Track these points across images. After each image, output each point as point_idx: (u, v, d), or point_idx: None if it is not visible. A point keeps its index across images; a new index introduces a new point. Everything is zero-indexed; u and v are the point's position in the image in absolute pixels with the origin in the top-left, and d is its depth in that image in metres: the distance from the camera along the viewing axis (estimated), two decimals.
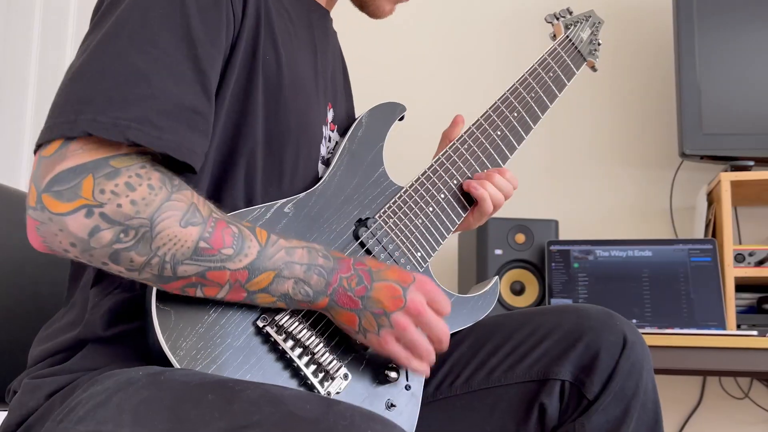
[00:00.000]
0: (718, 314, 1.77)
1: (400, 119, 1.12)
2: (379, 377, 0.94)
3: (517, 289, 1.96)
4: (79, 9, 2.26)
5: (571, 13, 1.31)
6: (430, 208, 1.05)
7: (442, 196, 1.06)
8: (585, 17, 1.31)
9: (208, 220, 0.79)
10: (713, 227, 1.97)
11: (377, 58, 2.40)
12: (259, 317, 0.87)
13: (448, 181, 1.07)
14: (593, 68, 1.30)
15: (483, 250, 1.94)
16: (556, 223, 2.00)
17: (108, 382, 0.79)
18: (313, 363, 0.88)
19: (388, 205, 1.02)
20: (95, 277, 0.90)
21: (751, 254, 1.86)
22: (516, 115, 1.14)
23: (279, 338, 0.87)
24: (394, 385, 0.95)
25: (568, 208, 2.24)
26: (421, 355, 0.91)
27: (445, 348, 0.93)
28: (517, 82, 1.16)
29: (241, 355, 0.84)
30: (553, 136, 2.30)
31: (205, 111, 0.84)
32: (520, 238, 1.96)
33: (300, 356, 0.88)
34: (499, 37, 2.39)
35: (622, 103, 2.30)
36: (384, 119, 1.10)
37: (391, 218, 1.02)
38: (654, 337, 1.57)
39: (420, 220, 1.04)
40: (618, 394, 0.98)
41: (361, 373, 0.93)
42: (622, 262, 1.88)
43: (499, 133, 1.12)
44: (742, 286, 1.93)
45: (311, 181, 1.01)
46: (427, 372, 0.93)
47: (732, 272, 1.83)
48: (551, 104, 1.19)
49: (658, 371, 1.67)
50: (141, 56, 0.80)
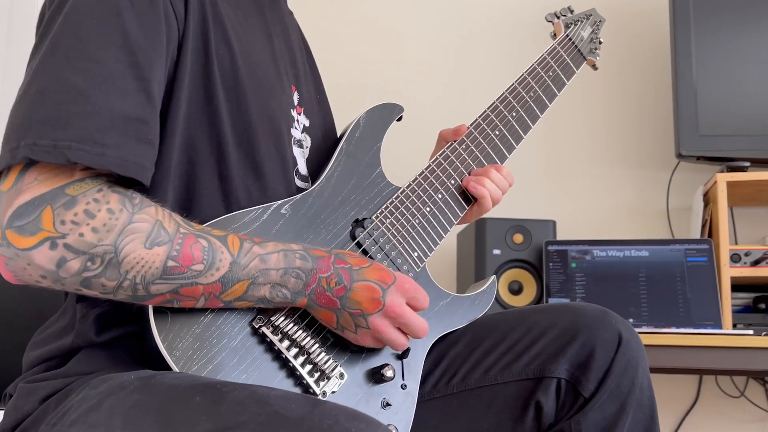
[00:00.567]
0: (714, 313, 1.77)
1: (399, 120, 1.11)
2: (375, 376, 0.93)
3: (515, 289, 1.96)
4: None
5: (572, 11, 1.30)
6: (428, 209, 1.05)
7: (440, 197, 1.06)
8: (586, 16, 1.30)
9: (174, 238, 0.78)
10: (709, 227, 1.97)
11: (375, 59, 2.39)
12: (255, 318, 0.87)
13: (446, 182, 1.07)
14: (594, 67, 1.28)
15: (481, 250, 1.94)
16: (554, 223, 2.00)
17: (101, 387, 0.79)
18: (309, 363, 0.88)
19: (385, 206, 1.02)
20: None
21: (747, 254, 1.86)
22: (515, 114, 1.14)
23: (275, 338, 0.86)
24: (390, 384, 0.95)
25: (566, 209, 2.24)
26: (397, 349, 0.93)
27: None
28: (516, 82, 1.16)
29: (237, 356, 0.84)
30: (551, 137, 2.30)
31: (150, 119, 0.82)
32: (518, 238, 1.96)
33: (296, 356, 0.88)
34: (499, 36, 2.39)
35: (619, 105, 2.30)
36: (382, 120, 1.09)
37: (388, 218, 1.02)
38: (651, 336, 1.57)
39: (417, 220, 1.03)
40: (614, 391, 0.98)
41: (357, 373, 0.93)
42: (619, 262, 1.88)
43: (498, 133, 1.12)
44: (738, 286, 1.93)
45: (287, 168, 1.00)
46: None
47: (728, 272, 1.83)
48: (550, 104, 1.18)
49: (655, 370, 1.67)
50: (78, 72, 0.77)
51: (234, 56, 0.93)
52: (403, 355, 0.97)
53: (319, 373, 0.89)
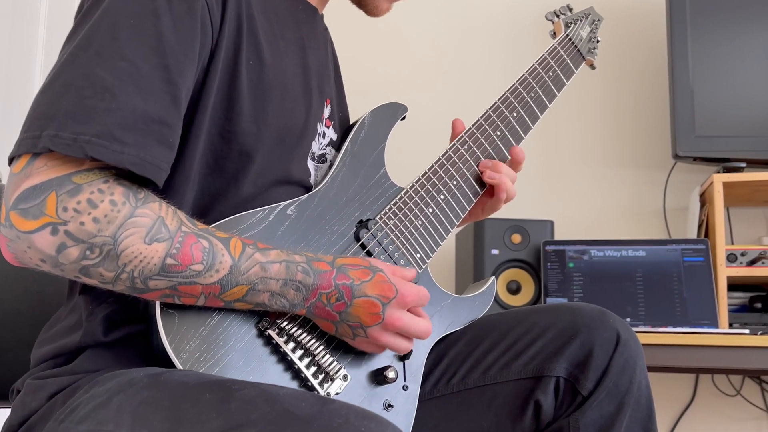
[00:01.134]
0: (710, 313, 1.78)
1: (402, 119, 1.11)
2: (378, 378, 0.94)
3: (514, 289, 1.96)
4: None
5: (571, 10, 1.29)
6: (430, 209, 1.05)
7: (442, 197, 1.06)
8: (585, 14, 1.29)
9: (175, 235, 0.78)
10: (706, 228, 1.98)
11: (378, 59, 2.40)
12: (262, 320, 0.87)
13: (448, 182, 1.07)
14: (592, 66, 1.28)
15: (480, 250, 1.94)
16: (552, 223, 2.01)
17: (109, 384, 0.79)
18: (314, 365, 0.88)
19: (389, 207, 1.02)
20: (84, 284, 0.89)
21: (743, 254, 1.86)
22: (516, 115, 1.14)
23: (280, 341, 0.87)
24: (392, 386, 0.95)
25: (564, 209, 2.25)
26: (400, 353, 0.94)
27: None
28: (517, 82, 1.15)
29: (244, 357, 0.84)
30: (549, 137, 2.31)
31: (173, 122, 0.82)
32: (517, 238, 1.96)
33: (301, 358, 0.88)
34: (500, 36, 2.39)
35: (616, 106, 2.30)
36: (386, 120, 1.09)
37: (392, 219, 1.02)
38: (648, 336, 1.57)
39: (420, 221, 1.03)
40: (612, 390, 0.98)
41: (360, 374, 0.93)
42: (616, 261, 1.89)
43: (499, 134, 1.12)
44: (734, 286, 1.94)
45: (303, 179, 1.00)
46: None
47: (724, 272, 1.83)
48: (550, 104, 1.18)
49: (652, 369, 1.68)
50: (108, 70, 0.78)
51: (264, 67, 0.93)
52: (405, 356, 0.97)
53: (323, 375, 0.89)
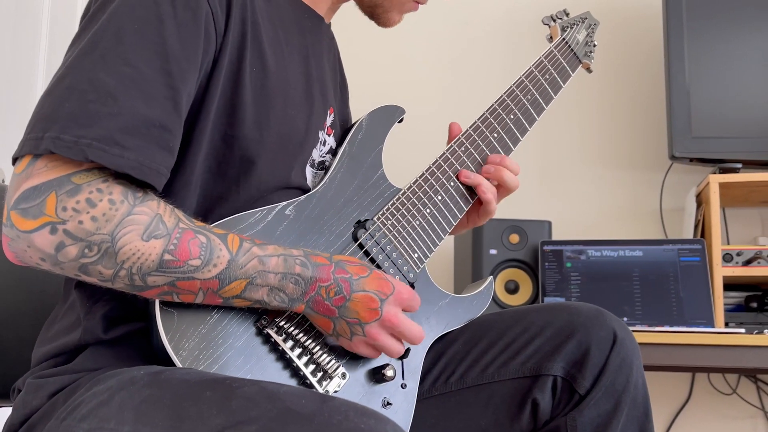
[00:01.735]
0: (706, 312, 1.78)
1: (400, 122, 1.11)
2: (376, 376, 0.94)
3: (512, 288, 1.96)
4: None
5: (567, 14, 1.29)
6: (428, 210, 1.05)
7: (440, 198, 1.06)
8: (581, 19, 1.29)
9: (173, 232, 0.78)
10: (702, 228, 1.98)
11: (376, 61, 2.40)
12: (260, 318, 0.87)
13: (445, 183, 1.07)
14: (588, 70, 1.28)
15: (478, 250, 1.94)
16: (550, 223, 2.01)
17: (110, 382, 0.79)
18: (312, 363, 0.89)
19: (387, 207, 1.02)
20: (79, 281, 0.89)
21: (738, 254, 1.87)
22: (512, 117, 1.14)
23: (279, 339, 0.87)
24: (391, 384, 0.95)
25: (561, 209, 2.25)
26: (392, 356, 0.93)
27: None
28: (514, 85, 1.15)
29: (242, 356, 0.84)
30: (546, 139, 2.31)
31: (173, 127, 0.82)
32: (514, 238, 1.96)
33: (299, 356, 0.88)
34: (497, 40, 2.39)
35: (613, 107, 2.30)
36: (383, 122, 1.09)
37: (390, 220, 1.02)
38: (644, 335, 1.57)
39: (417, 222, 1.04)
40: (608, 388, 0.98)
41: (359, 373, 0.93)
42: (613, 261, 1.89)
43: (496, 136, 1.12)
44: (730, 285, 1.94)
45: (303, 185, 1.01)
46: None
47: (720, 271, 1.84)
48: (547, 107, 1.18)
49: (649, 368, 1.68)
50: (111, 74, 0.78)
51: (267, 74, 0.94)
52: (404, 355, 0.98)
53: (321, 373, 0.89)
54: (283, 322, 0.88)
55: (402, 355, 0.97)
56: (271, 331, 0.87)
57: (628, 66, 2.30)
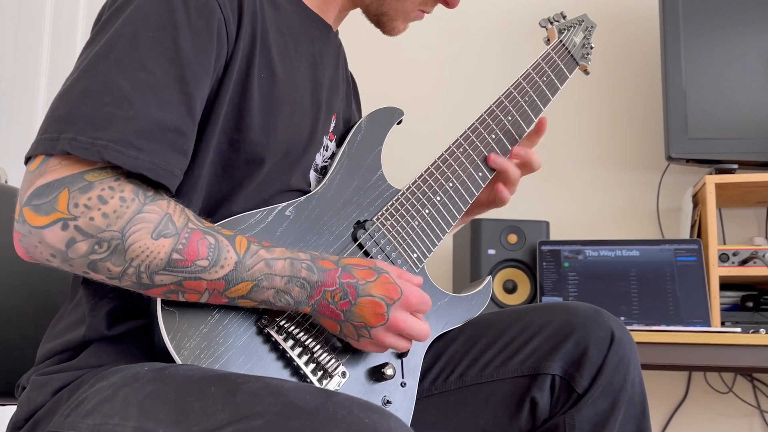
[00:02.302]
0: (703, 312, 1.78)
1: (398, 123, 1.12)
2: (376, 375, 0.94)
3: (510, 288, 1.96)
4: (88, 16, 2.27)
5: (564, 17, 1.29)
6: (426, 210, 1.05)
7: (438, 199, 1.06)
8: (578, 21, 1.29)
9: (182, 231, 0.78)
10: (698, 228, 1.98)
11: (375, 63, 2.40)
12: (261, 318, 0.87)
13: (444, 184, 1.07)
14: (586, 72, 1.28)
15: (477, 250, 1.94)
16: (547, 224, 2.01)
17: (114, 378, 0.79)
18: (312, 362, 0.89)
19: (386, 208, 1.02)
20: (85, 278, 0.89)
21: (734, 254, 1.86)
22: (510, 118, 1.14)
23: (279, 338, 0.87)
24: (390, 383, 0.96)
25: (559, 210, 2.24)
26: (400, 351, 0.93)
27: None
28: (512, 87, 1.16)
29: (243, 355, 0.84)
30: (545, 140, 2.27)
31: (187, 131, 0.83)
32: (513, 238, 1.96)
33: (300, 355, 0.88)
34: (495, 42, 2.39)
35: (610, 109, 2.30)
36: (382, 124, 1.09)
37: (389, 220, 1.02)
38: (641, 334, 1.57)
39: (416, 222, 1.04)
40: (606, 387, 0.98)
41: (359, 371, 0.93)
42: (610, 261, 1.89)
43: (494, 137, 1.12)
44: (726, 285, 1.94)
45: (305, 189, 1.01)
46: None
47: (716, 271, 1.83)
48: (544, 108, 1.18)
49: (646, 367, 1.68)
50: (127, 78, 0.79)
51: (275, 81, 0.94)
52: (403, 354, 0.97)
53: (322, 372, 0.89)
54: (284, 322, 0.88)
55: (401, 354, 0.97)
56: (272, 331, 0.87)
57: (626, 68, 2.30)
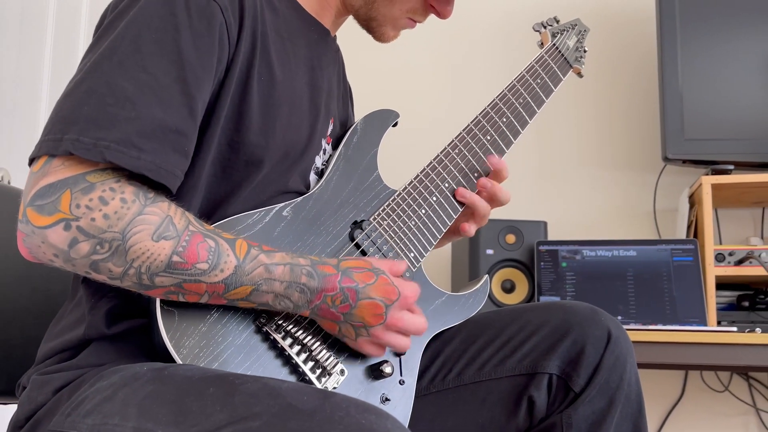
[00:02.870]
0: (699, 311, 1.78)
1: (394, 125, 1.12)
2: (375, 372, 0.94)
3: (508, 288, 1.96)
4: (91, 18, 2.27)
5: (558, 21, 1.30)
6: (423, 210, 1.05)
7: (434, 199, 1.06)
8: (571, 25, 1.30)
9: (182, 234, 0.78)
10: (695, 228, 1.98)
11: (370, 66, 2.40)
12: (259, 317, 0.87)
13: (440, 185, 1.07)
14: (579, 74, 1.29)
15: (475, 250, 1.94)
16: (545, 224, 2.01)
17: (114, 378, 0.79)
18: (311, 360, 0.89)
19: (382, 208, 1.02)
20: (85, 278, 0.90)
21: (730, 254, 1.86)
22: (505, 120, 1.14)
23: (278, 336, 0.87)
24: (389, 380, 0.95)
25: (557, 210, 2.24)
26: (399, 351, 0.94)
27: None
28: (506, 89, 1.16)
29: (242, 353, 0.84)
30: (543, 141, 2.30)
31: (189, 132, 0.84)
32: (511, 238, 1.96)
33: (298, 353, 0.88)
34: (489, 45, 2.39)
35: (608, 110, 2.30)
36: (378, 126, 1.10)
37: (385, 220, 1.02)
38: (638, 333, 1.57)
39: (413, 222, 1.04)
40: (603, 386, 0.98)
41: (357, 369, 0.93)
42: (607, 261, 1.88)
43: (489, 138, 1.12)
44: (723, 285, 1.94)
45: (303, 191, 1.01)
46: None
47: (713, 271, 1.83)
48: (539, 110, 1.18)
49: (642, 366, 1.67)
50: (130, 80, 0.79)
51: (275, 84, 0.95)
52: (401, 352, 0.97)
53: (320, 370, 0.89)
54: (282, 321, 0.88)
55: (399, 352, 0.97)
56: (270, 329, 0.87)
57: (623, 70, 2.30)
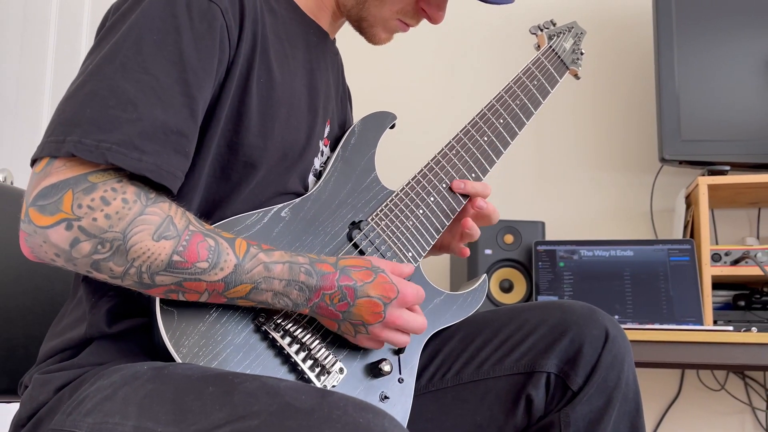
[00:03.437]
0: (695, 311, 1.77)
1: (391, 127, 1.12)
2: (374, 371, 0.94)
3: (506, 287, 1.96)
4: (93, 19, 2.27)
5: (554, 24, 1.30)
6: (420, 211, 1.05)
7: (432, 199, 1.06)
8: (568, 28, 1.30)
9: (183, 234, 0.79)
10: (691, 228, 1.97)
11: (368, 68, 2.39)
12: (259, 315, 0.87)
13: (438, 185, 1.07)
14: (576, 76, 1.29)
15: (473, 250, 1.94)
16: (543, 224, 2.00)
17: (114, 377, 0.79)
18: (310, 358, 0.89)
19: (380, 208, 1.02)
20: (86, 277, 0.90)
21: (727, 254, 1.86)
22: (502, 121, 1.14)
23: (277, 335, 0.87)
24: (388, 378, 0.95)
25: (554, 210, 2.24)
26: (398, 346, 0.93)
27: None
28: (503, 91, 1.16)
29: (241, 352, 0.84)
30: (541, 142, 2.30)
31: (190, 134, 0.84)
32: (509, 238, 1.96)
33: (297, 352, 0.88)
34: (487, 48, 2.39)
35: (605, 111, 2.30)
36: (375, 127, 1.10)
37: (383, 220, 1.02)
38: (635, 333, 1.56)
39: (411, 222, 1.04)
40: (601, 385, 0.98)
41: (356, 367, 0.93)
42: (605, 261, 1.88)
43: (486, 139, 1.12)
44: (719, 284, 1.93)
45: (301, 192, 1.01)
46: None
47: (709, 271, 1.83)
48: (536, 111, 1.18)
49: (639, 365, 1.66)
50: (131, 82, 0.80)
51: (274, 86, 0.95)
52: (400, 350, 0.97)
53: (319, 368, 0.89)
54: (281, 319, 0.88)
55: (398, 350, 0.97)
56: (269, 328, 0.87)
57: (620, 71, 2.29)
